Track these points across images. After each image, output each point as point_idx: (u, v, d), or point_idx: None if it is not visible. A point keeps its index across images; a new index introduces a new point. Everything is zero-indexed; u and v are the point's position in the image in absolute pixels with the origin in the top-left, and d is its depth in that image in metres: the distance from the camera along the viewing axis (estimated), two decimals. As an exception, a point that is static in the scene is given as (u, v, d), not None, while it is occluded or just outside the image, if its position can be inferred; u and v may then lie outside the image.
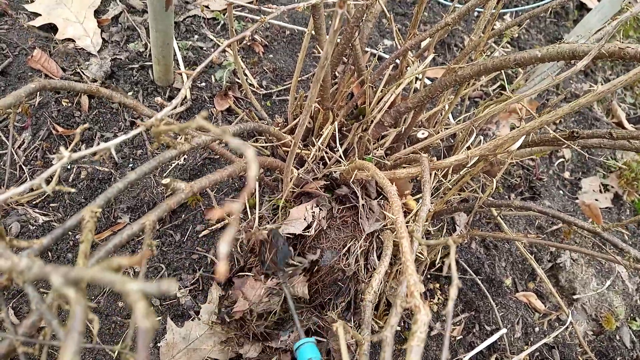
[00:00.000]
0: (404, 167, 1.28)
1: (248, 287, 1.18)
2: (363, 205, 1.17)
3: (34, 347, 0.55)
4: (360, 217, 1.16)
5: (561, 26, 2.46)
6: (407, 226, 0.72)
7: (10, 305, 1.23)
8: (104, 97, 1.50)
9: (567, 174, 1.94)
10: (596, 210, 1.82)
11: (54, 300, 0.54)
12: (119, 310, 1.29)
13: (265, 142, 1.49)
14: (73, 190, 0.60)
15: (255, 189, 1.38)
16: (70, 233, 1.35)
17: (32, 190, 0.61)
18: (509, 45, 2.27)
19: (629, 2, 1.42)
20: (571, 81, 2.24)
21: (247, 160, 0.29)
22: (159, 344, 1.26)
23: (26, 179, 1.38)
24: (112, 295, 1.30)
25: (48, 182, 0.60)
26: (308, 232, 1.17)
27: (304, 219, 1.17)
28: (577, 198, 1.88)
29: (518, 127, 0.94)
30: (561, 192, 1.87)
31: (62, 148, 0.56)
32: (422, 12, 1.17)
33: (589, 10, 2.48)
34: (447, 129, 1.27)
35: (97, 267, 0.33)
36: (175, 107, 0.69)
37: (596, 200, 1.89)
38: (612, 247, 1.33)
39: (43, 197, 1.37)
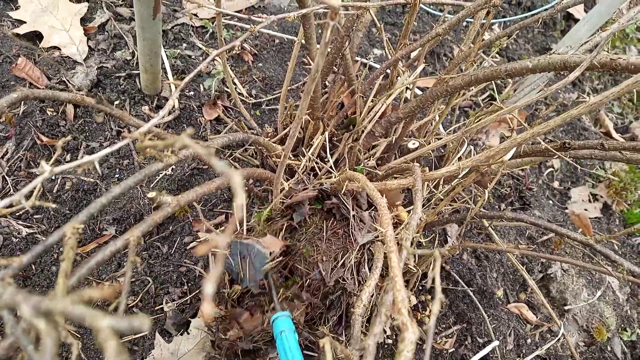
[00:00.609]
0: (395, 178, 1.26)
1: (246, 320, 1.17)
2: (354, 216, 1.16)
3: (10, 372, 0.53)
4: (352, 229, 1.15)
5: (549, 36, 2.48)
6: (397, 239, 0.70)
7: (-9, 320, 1.19)
8: (89, 106, 1.48)
9: (556, 184, 1.95)
10: (586, 220, 1.82)
11: (29, 326, 0.52)
12: (104, 325, 1.25)
13: (255, 152, 1.47)
14: (53, 205, 0.58)
15: (243, 201, 1.36)
16: (55, 245, 1.32)
17: (11, 205, 0.59)
18: (497, 56, 2.28)
19: (617, 14, 1.43)
20: (559, 91, 2.26)
21: (233, 187, 0.28)
22: (145, 360, 1.23)
23: (9, 190, 1.35)
24: (100, 309, 1.27)
25: (29, 196, 0.58)
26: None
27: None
28: (566, 208, 1.88)
29: (508, 136, 0.93)
30: (551, 201, 1.88)
31: (42, 162, 0.54)
32: (412, 22, 1.16)
33: (576, 20, 2.51)
34: (438, 139, 1.26)
35: (68, 299, 0.31)
36: (162, 118, 0.67)
37: (585, 210, 1.89)
38: (603, 258, 1.33)
39: (26, 209, 1.33)
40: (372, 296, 1.09)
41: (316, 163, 1.29)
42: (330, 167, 1.24)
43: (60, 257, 0.55)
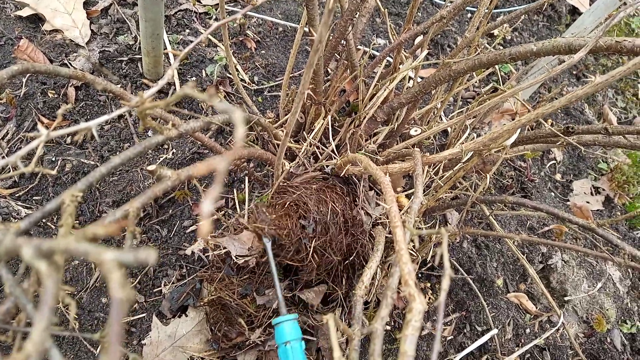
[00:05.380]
0: (396, 163, 1.26)
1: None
2: (363, 191, 1.16)
3: (7, 335, 0.52)
4: (363, 202, 1.14)
5: (554, 30, 2.47)
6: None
7: (-11, 299, 1.19)
8: (90, 87, 1.47)
9: (558, 176, 1.94)
10: (587, 212, 1.82)
11: (30, 285, 0.51)
12: (102, 306, 1.25)
13: (256, 138, 1.46)
14: (53, 172, 0.57)
15: (245, 184, 1.36)
16: (53, 227, 1.32)
17: (6, 171, 0.58)
18: (501, 47, 2.27)
19: (622, 5, 1.42)
20: (562, 80, 2.25)
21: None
22: (143, 342, 1.22)
23: (9, 171, 1.35)
24: (95, 291, 1.27)
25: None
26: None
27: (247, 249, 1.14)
28: (568, 200, 1.88)
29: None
30: (552, 193, 1.87)
31: (40, 125, 0.54)
32: (416, 12, 1.15)
33: (581, 14, 2.49)
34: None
35: (71, 237, 0.30)
36: (164, 86, 0.66)
37: (587, 202, 1.88)
38: (605, 246, 1.32)
39: (26, 190, 1.33)
40: (373, 279, 1.09)
41: (317, 148, 1.28)
42: (332, 150, 1.23)
43: (58, 223, 0.55)
